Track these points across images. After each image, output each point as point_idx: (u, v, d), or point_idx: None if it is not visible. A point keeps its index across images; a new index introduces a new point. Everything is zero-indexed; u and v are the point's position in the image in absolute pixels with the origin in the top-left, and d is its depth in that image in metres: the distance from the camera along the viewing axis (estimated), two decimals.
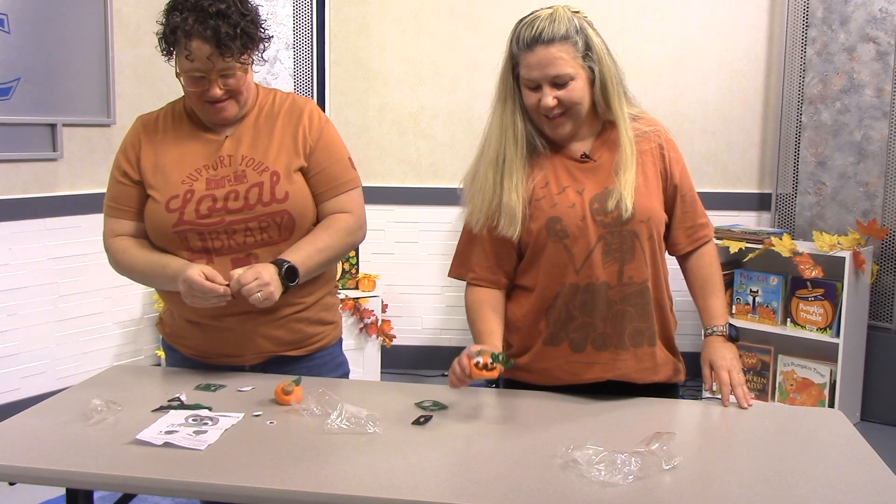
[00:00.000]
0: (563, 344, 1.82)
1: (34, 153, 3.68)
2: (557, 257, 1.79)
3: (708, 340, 1.89)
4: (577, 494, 1.36)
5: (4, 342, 3.65)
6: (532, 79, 1.75)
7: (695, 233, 1.90)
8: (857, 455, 1.56)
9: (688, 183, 1.89)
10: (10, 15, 3.54)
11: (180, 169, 1.89)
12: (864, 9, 3.93)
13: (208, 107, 1.85)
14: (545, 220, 1.79)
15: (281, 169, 1.88)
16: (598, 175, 1.81)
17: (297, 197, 1.87)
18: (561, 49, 1.72)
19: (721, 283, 1.94)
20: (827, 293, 3.80)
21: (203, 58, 1.77)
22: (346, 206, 1.95)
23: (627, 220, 1.77)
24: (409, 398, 1.80)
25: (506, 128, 1.81)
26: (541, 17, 1.74)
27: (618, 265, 1.78)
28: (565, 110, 1.76)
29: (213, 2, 1.77)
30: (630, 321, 1.81)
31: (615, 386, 1.85)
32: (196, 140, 1.92)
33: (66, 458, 1.49)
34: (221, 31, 1.75)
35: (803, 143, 4.19)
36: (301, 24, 4.51)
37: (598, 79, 1.76)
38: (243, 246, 1.86)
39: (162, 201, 1.87)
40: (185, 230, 1.85)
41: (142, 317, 4.22)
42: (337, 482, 1.40)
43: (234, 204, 1.85)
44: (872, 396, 4.00)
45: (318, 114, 1.97)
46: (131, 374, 2.04)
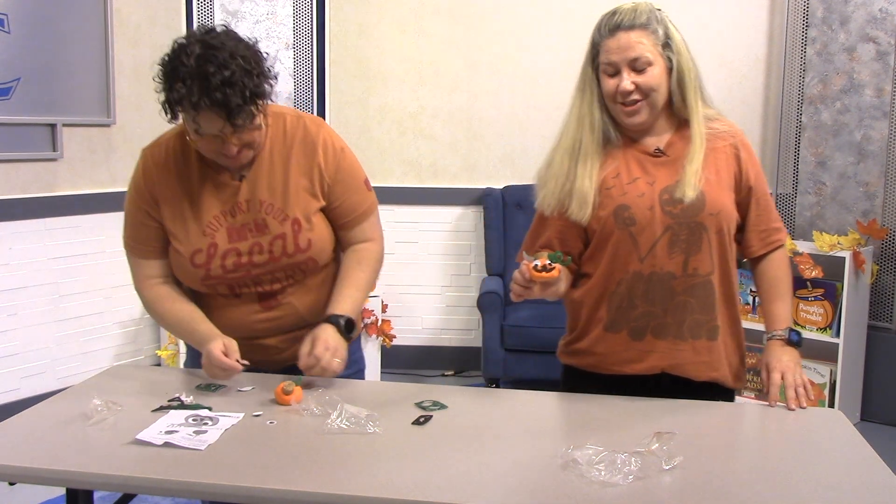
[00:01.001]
0: (622, 331, 1.85)
1: (34, 153, 3.68)
2: (623, 245, 1.82)
3: (767, 344, 1.89)
4: (577, 494, 1.36)
5: (4, 342, 3.66)
6: (612, 62, 1.78)
7: (768, 236, 1.91)
8: (857, 455, 1.56)
9: (762, 187, 1.89)
10: (10, 15, 3.54)
11: (199, 218, 1.85)
12: (864, 9, 3.93)
13: (222, 157, 1.79)
14: (614, 208, 1.82)
15: (300, 214, 1.86)
16: (670, 169, 1.83)
17: (318, 241, 1.88)
18: (641, 35, 1.77)
19: (789, 288, 1.94)
20: (827, 293, 3.80)
21: (212, 128, 1.71)
22: (367, 233, 1.95)
23: (696, 212, 1.79)
24: (409, 398, 1.80)
25: (583, 116, 1.84)
26: (623, 7, 1.80)
27: (683, 256, 1.80)
28: (642, 97, 1.79)
29: (217, 69, 1.65)
30: (691, 313, 1.82)
31: (669, 383, 1.85)
32: (210, 182, 1.86)
33: (66, 458, 1.49)
34: (231, 102, 1.66)
35: (803, 143, 4.19)
36: (301, 24, 4.51)
37: (676, 70, 1.80)
38: (269, 290, 1.90)
39: (186, 254, 1.85)
40: (213, 283, 1.87)
41: (142, 317, 4.22)
42: (337, 482, 1.40)
43: (260, 258, 1.85)
44: (872, 396, 4.00)
45: (331, 144, 1.89)
46: (131, 374, 2.03)
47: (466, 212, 4.65)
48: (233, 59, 1.67)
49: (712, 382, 1.87)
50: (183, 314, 1.89)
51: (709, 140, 1.83)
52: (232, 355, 1.77)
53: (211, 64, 1.65)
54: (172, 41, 1.74)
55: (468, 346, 4.70)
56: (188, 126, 1.75)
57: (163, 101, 1.73)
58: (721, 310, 1.85)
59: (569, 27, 4.52)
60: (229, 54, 1.68)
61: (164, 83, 1.71)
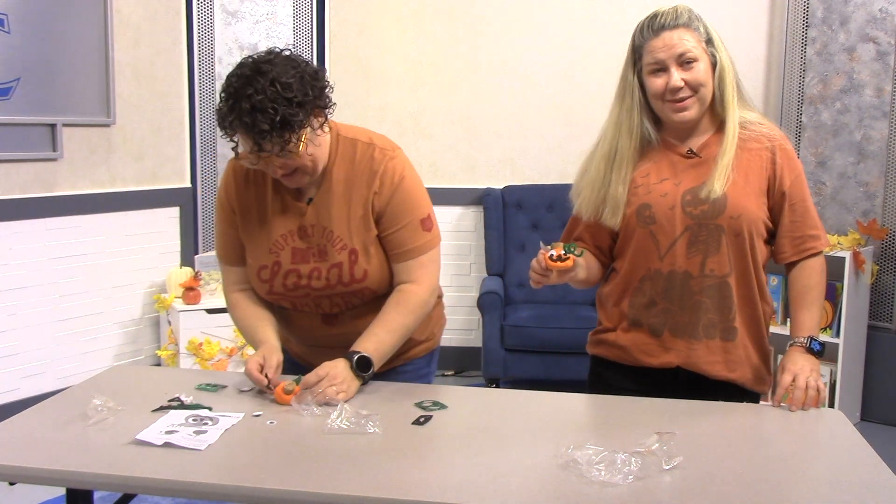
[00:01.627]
0: (643, 327, 1.90)
1: (34, 153, 3.68)
2: (644, 242, 1.86)
3: (788, 350, 1.90)
4: (577, 494, 1.36)
5: (4, 342, 3.66)
6: (659, 60, 1.81)
7: (802, 243, 1.91)
8: (857, 455, 1.56)
9: (800, 193, 1.89)
10: (10, 15, 3.54)
11: (267, 234, 1.89)
12: (864, 9, 3.93)
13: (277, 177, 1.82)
14: (637, 206, 1.86)
15: (359, 246, 1.86)
16: (699, 170, 1.85)
17: (375, 273, 1.88)
18: (685, 32, 1.81)
19: (819, 297, 1.95)
20: (827, 293, 3.79)
21: (246, 147, 1.74)
22: (413, 274, 1.89)
23: (717, 214, 1.81)
24: (409, 398, 1.80)
25: (621, 122, 1.88)
26: (663, 10, 1.84)
27: (701, 256, 1.83)
28: (692, 93, 1.81)
29: (252, 92, 1.67)
30: (705, 312, 1.85)
31: (688, 378, 1.88)
32: (280, 202, 1.89)
33: (66, 458, 1.49)
34: (256, 127, 1.67)
35: (803, 143, 4.19)
36: (301, 24, 4.51)
37: (719, 67, 1.83)
38: (329, 311, 1.93)
39: (254, 267, 1.92)
40: (276, 298, 1.94)
41: (142, 317, 4.22)
42: (337, 482, 1.40)
43: (317, 282, 1.88)
44: (872, 396, 4.00)
45: (391, 174, 1.86)
46: (131, 374, 2.04)
47: (466, 212, 4.65)
48: (272, 85, 1.68)
49: (729, 382, 1.88)
50: (250, 321, 1.94)
51: (744, 141, 1.85)
52: (267, 371, 1.78)
53: (250, 87, 1.68)
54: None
55: (468, 346, 4.70)
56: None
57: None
58: (740, 312, 1.87)
59: (569, 27, 4.52)
60: (270, 80, 1.68)
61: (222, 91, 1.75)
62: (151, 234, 4.23)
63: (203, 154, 4.40)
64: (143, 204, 4.16)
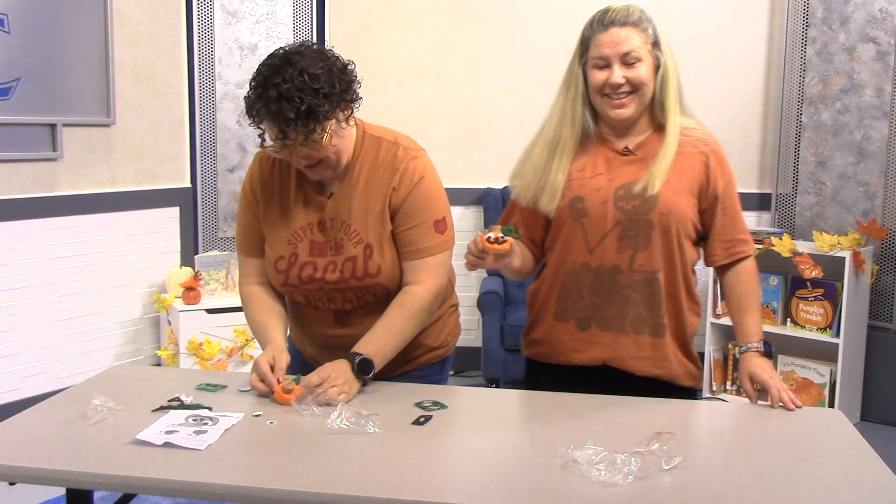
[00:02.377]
0: (570, 321, 1.90)
1: (34, 153, 3.68)
2: (574, 235, 1.87)
3: (744, 357, 1.92)
4: (577, 494, 1.36)
5: (4, 342, 3.66)
6: (603, 56, 1.83)
7: (732, 247, 1.93)
8: (857, 455, 1.56)
9: (731, 198, 1.92)
10: (10, 15, 3.54)
11: (287, 226, 1.91)
12: (864, 9, 3.93)
13: (301, 167, 1.84)
14: (570, 199, 1.87)
15: (374, 241, 1.87)
16: (633, 167, 1.87)
17: (388, 269, 1.88)
18: (633, 31, 1.83)
19: (758, 300, 1.96)
20: (827, 293, 3.80)
21: (272, 135, 1.74)
22: (418, 275, 1.88)
23: (648, 210, 1.82)
24: (409, 398, 1.80)
25: (566, 111, 1.90)
26: (616, 6, 1.87)
27: (631, 251, 1.84)
28: (631, 91, 1.83)
29: (280, 80, 1.69)
30: (633, 307, 1.86)
31: (615, 376, 1.87)
32: (302, 194, 1.91)
33: (66, 458, 1.49)
34: (282, 115, 1.69)
35: (803, 143, 4.19)
36: (301, 24, 4.51)
37: (662, 70, 1.86)
38: (342, 307, 1.93)
39: (271, 258, 1.93)
40: (290, 290, 1.94)
41: (142, 317, 4.22)
42: (337, 482, 1.40)
43: (332, 276, 1.88)
44: (872, 396, 4.00)
45: (411, 172, 1.87)
46: (131, 374, 2.04)
47: (466, 212, 4.65)
48: (300, 75, 1.70)
49: (658, 379, 1.89)
50: (260, 317, 1.94)
51: (680, 145, 1.87)
52: (278, 373, 1.78)
53: (278, 75, 1.70)
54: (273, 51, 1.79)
55: (468, 346, 4.70)
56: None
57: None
58: (669, 309, 1.88)
59: (569, 27, 4.52)
60: (299, 70, 1.71)
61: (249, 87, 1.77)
62: (151, 234, 4.23)
63: (203, 154, 4.40)
64: (143, 204, 4.16)
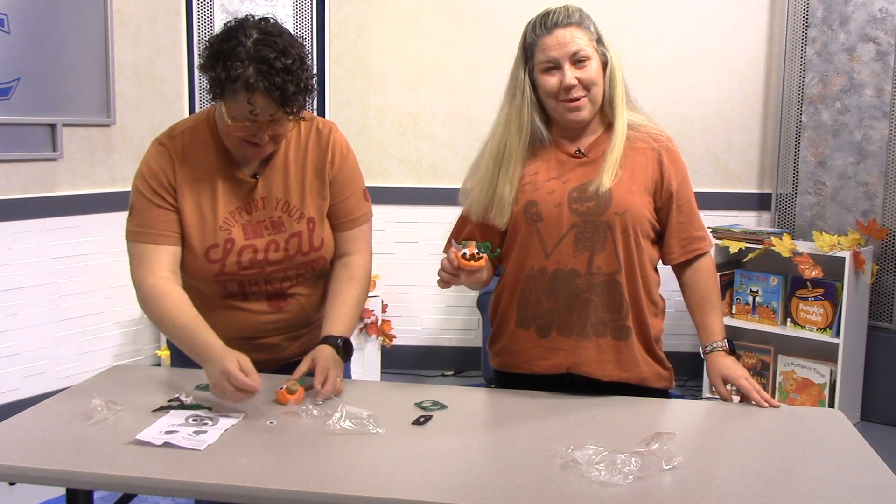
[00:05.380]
0: (530, 328, 1.88)
1: (34, 153, 3.68)
2: (529, 240, 1.85)
3: (712, 357, 1.90)
4: (577, 494, 1.36)
5: (4, 342, 3.66)
6: (552, 59, 1.81)
7: (689, 244, 1.91)
8: (857, 455, 1.56)
9: (686, 194, 1.90)
10: (10, 15, 3.54)
11: (214, 212, 1.84)
12: (864, 9, 3.93)
13: (247, 146, 1.78)
14: (524, 203, 1.85)
15: (315, 214, 1.89)
16: (586, 169, 1.86)
17: (328, 241, 1.92)
18: (577, 30, 1.81)
19: (718, 298, 1.95)
20: (827, 293, 3.80)
21: (264, 112, 1.70)
22: (356, 243, 1.95)
23: (602, 211, 1.81)
24: (409, 398, 1.80)
25: (511, 121, 1.88)
26: (554, 8, 1.84)
27: (588, 254, 1.82)
28: (585, 91, 1.82)
29: (278, 55, 1.67)
30: (594, 311, 1.83)
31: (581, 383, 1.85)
32: (226, 178, 1.86)
33: (66, 458, 1.49)
34: (289, 89, 1.68)
35: (803, 143, 4.19)
36: (301, 24, 4.51)
37: (609, 67, 1.84)
38: (280, 289, 1.91)
39: (200, 249, 1.83)
40: (225, 280, 1.87)
41: (142, 317, 4.22)
42: (337, 482, 1.40)
43: (275, 255, 1.87)
44: (872, 396, 4.00)
45: (340, 145, 1.92)
46: (131, 374, 2.03)
47: None
48: (292, 48, 1.71)
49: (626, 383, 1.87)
50: (187, 318, 1.77)
51: (631, 141, 1.86)
52: (251, 375, 1.66)
53: (271, 49, 1.68)
54: (224, 23, 1.76)
55: (468, 346, 4.70)
56: (231, 108, 1.71)
57: (212, 77, 1.70)
58: (632, 310, 1.85)
59: None
60: (289, 44, 1.71)
61: (214, 61, 1.69)
62: None
63: None
64: None
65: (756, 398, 1.81)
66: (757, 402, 1.80)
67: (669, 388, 1.96)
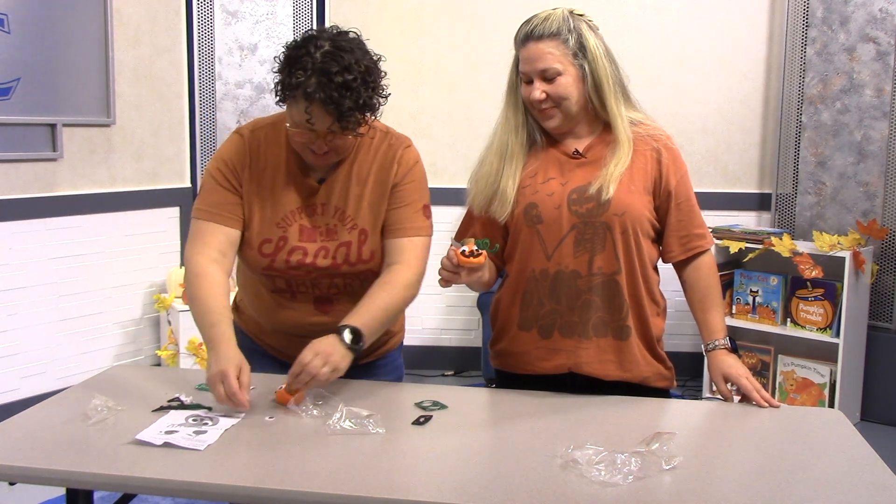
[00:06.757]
0: (532, 329, 1.89)
1: (34, 153, 3.68)
2: (530, 242, 1.86)
3: (714, 355, 1.90)
4: (577, 494, 1.36)
5: (4, 342, 3.65)
6: (524, 72, 1.85)
7: (689, 242, 1.91)
8: (857, 455, 1.56)
9: (685, 192, 1.90)
10: (10, 15, 3.54)
11: (276, 209, 1.88)
12: (864, 9, 3.93)
13: (308, 153, 1.82)
14: (525, 206, 1.86)
15: (368, 226, 1.88)
16: (585, 170, 1.86)
17: (381, 255, 1.90)
18: (549, 45, 1.80)
19: (719, 296, 1.95)
20: (827, 293, 3.80)
21: (320, 123, 1.73)
22: (405, 254, 1.88)
23: (602, 212, 1.81)
24: (409, 398, 1.80)
25: (509, 119, 1.91)
26: (538, 16, 1.84)
27: (588, 255, 1.83)
28: (554, 105, 1.83)
29: (340, 69, 1.70)
30: (595, 311, 1.84)
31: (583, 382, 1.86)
32: (293, 178, 1.88)
33: (66, 458, 1.49)
34: (344, 105, 1.70)
35: (803, 143, 4.19)
36: (301, 24, 4.51)
37: (591, 78, 1.82)
38: (326, 293, 1.92)
39: (255, 241, 1.88)
40: (273, 275, 1.90)
41: (142, 317, 4.22)
42: (337, 482, 1.40)
43: (323, 262, 1.87)
44: (872, 396, 4.00)
45: (406, 159, 1.91)
46: (131, 374, 2.03)
47: None
48: (357, 65, 1.73)
49: (627, 383, 1.87)
50: (214, 305, 1.78)
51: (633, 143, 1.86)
52: (244, 390, 1.66)
53: (336, 63, 1.71)
54: (303, 32, 1.81)
55: (468, 346, 4.70)
56: (292, 114, 1.77)
57: (277, 81, 1.77)
58: (632, 310, 1.86)
59: None
60: (354, 61, 1.73)
61: (284, 66, 1.75)
62: (151, 234, 4.22)
63: (203, 154, 4.40)
64: (143, 204, 4.16)
65: (756, 398, 1.81)
66: (757, 401, 1.81)
67: (671, 387, 1.96)
